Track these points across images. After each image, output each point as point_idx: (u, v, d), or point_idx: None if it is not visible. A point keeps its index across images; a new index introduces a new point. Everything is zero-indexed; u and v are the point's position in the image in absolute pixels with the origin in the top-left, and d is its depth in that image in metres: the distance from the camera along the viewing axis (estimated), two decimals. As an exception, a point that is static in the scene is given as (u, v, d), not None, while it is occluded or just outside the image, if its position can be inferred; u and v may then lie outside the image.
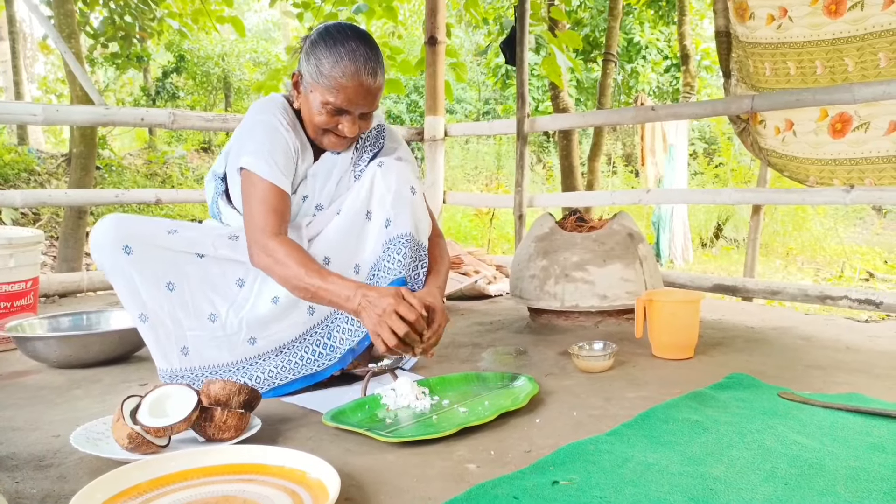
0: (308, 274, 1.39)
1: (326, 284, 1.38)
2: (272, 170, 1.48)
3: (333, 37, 1.48)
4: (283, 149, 1.51)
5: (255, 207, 1.47)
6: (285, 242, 1.44)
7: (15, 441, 1.28)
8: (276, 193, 1.48)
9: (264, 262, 1.44)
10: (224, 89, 13.55)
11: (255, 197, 1.47)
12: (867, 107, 2.61)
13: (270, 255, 1.42)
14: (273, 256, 1.42)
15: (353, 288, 1.37)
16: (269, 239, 1.44)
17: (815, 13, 2.62)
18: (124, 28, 6.00)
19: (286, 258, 1.41)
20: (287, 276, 1.41)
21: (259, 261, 1.45)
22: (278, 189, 1.48)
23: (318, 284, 1.38)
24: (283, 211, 1.49)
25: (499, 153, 12.24)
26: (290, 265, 1.40)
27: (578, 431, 1.30)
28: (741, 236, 8.59)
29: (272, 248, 1.43)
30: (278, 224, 1.46)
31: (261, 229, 1.45)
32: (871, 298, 2.53)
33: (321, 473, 1.03)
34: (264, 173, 1.47)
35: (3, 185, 7.78)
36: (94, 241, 1.49)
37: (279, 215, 1.47)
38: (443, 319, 1.42)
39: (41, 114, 2.70)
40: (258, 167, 1.47)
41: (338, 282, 1.39)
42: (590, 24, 11.35)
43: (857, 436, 1.25)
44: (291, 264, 1.40)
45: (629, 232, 2.32)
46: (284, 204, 1.50)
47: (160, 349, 1.52)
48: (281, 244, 1.43)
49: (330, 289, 1.38)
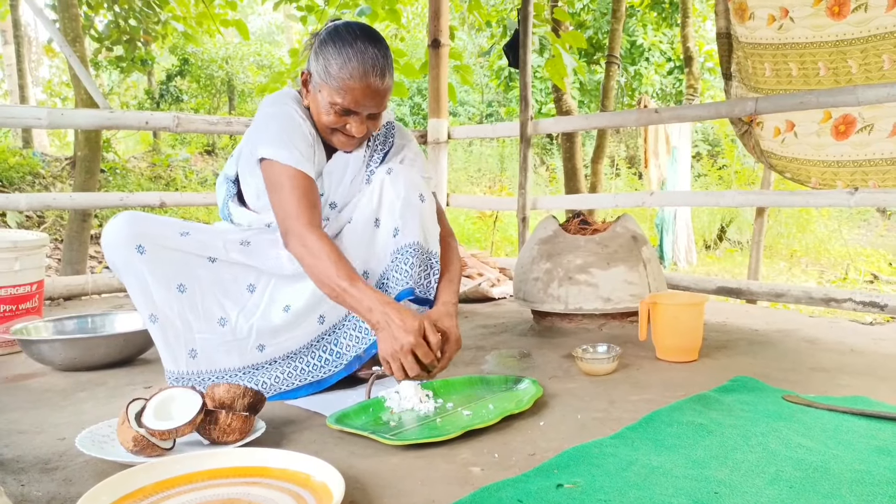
0: (338, 274, 1.37)
1: (352, 289, 1.37)
2: (295, 156, 1.46)
3: (342, 37, 1.47)
4: (302, 135, 1.51)
5: (286, 195, 1.45)
6: (322, 236, 1.42)
7: (20, 444, 1.28)
8: (303, 179, 1.46)
9: (299, 251, 1.42)
10: (228, 92, 13.58)
11: (283, 185, 1.45)
12: (871, 109, 2.60)
13: (306, 246, 1.41)
14: (308, 247, 1.40)
15: (377, 301, 1.36)
16: (306, 229, 1.42)
17: (818, 14, 2.61)
18: (129, 31, 6.02)
19: (321, 252, 1.39)
20: (318, 270, 1.39)
21: (294, 248, 1.43)
22: (304, 175, 1.47)
23: (344, 287, 1.37)
24: (314, 198, 1.47)
25: (502, 155, 12.24)
26: (323, 260, 1.39)
27: (582, 434, 1.30)
28: (745, 238, 8.58)
29: (309, 239, 1.41)
30: (311, 213, 1.45)
31: (295, 217, 1.43)
32: (876, 301, 2.52)
33: (325, 476, 1.03)
34: (288, 160, 1.46)
35: (8, 188, 7.81)
36: (106, 238, 1.47)
37: (310, 202, 1.46)
38: (455, 349, 1.41)
39: (46, 117, 2.71)
40: (280, 155, 1.46)
41: (364, 290, 1.37)
42: (593, 26, 11.36)
43: (862, 439, 1.25)
44: (325, 259, 1.38)
45: (633, 234, 2.32)
46: (313, 190, 1.48)
47: (169, 351, 1.52)
48: (318, 237, 1.41)
49: (355, 295, 1.36)
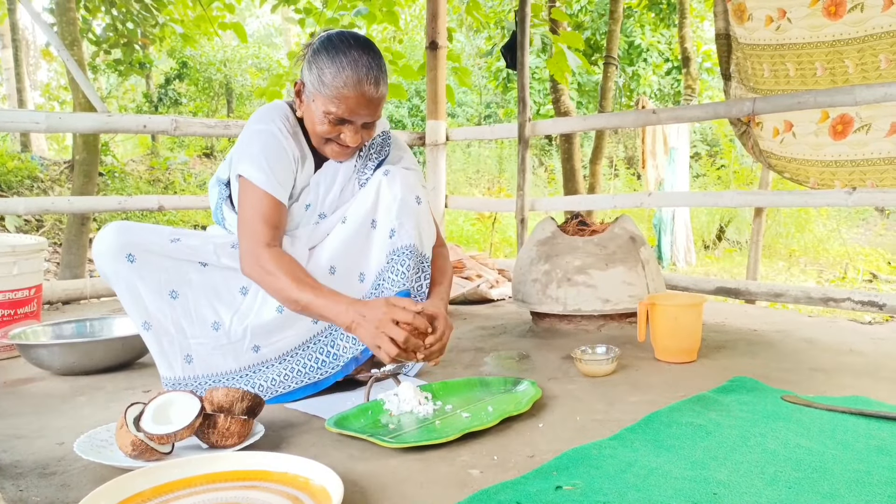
0: (299, 287, 1.38)
1: (318, 299, 1.37)
2: (268, 179, 1.47)
3: (335, 46, 1.46)
4: (281, 158, 1.51)
5: (249, 217, 1.46)
6: (278, 253, 1.43)
7: (19, 449, 1.28)
8: (270, 203, 1.47)
9: (254, 270, 1.43)
10: (226, 95, 13.58)
11: (250, 206, 1.47)
12: (868, 108, 2.61)
13: (261, 266, 1.42)
14: (264, 267, 1.41)
15: (344, 303, 1.37)
16: (262, 248, 1.43)
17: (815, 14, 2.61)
18: (127, 35, 6.02)
19: (277, 269, 1.40)
20: (277, 288, 1.40)
21: (250, 271, 1.44)
22: (273, 199, 1.48)
23: (308, 299, 1.37)
24: (277, 222, 1.48)
25: (500, 156, 12.25)
26: (280, 276, 1.39)
27: (582, 436, 1.30)
28: (744, 238, 8.58)
29: (263, 259, 1.42)
30: (271, 235, 1.46)
31: (253, 239, 1.44)
32: (875, 300, 2.52)
33: (324, 480, 1.03)
34: (260, 182, 1.47)
35: (7, 192, 7.80)
36: (96, 249, 1.48)
37: (272, 226, 1.46)
38: (446, 326, 1.41)
39: (44, 121, 2.71)
40: (254, 176, 1.47)
41: (330, 296, 1.38)
42: (590, 27, 11.38)
43: (861, 439, 1.25)
44: (282, 276, 1.39)
45: (631, 235, 2.32)
46: (279, 214, 1.49)
47: (164, 357, 1.52)
48: (273, 255, 1.42)
49: (321, 304, 1.37)
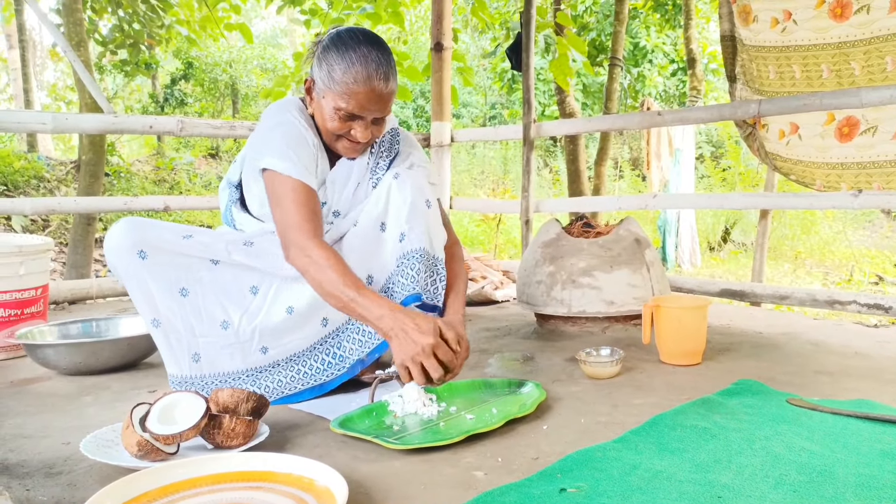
0: (345, 283, 1.35)
1: (361, 298, 1.35)
2: (297, 167, 1.46)
3: (345, 42, 1.47)
4: (305, 146, 1.50)
5: (288, 206, 1.44)
6: (325, 247, 1.41)
7: (25, 448, 1.29)
8: (305, 191, 1.46)
9: (302, 262, 1.40)
10: (232, 96, 13.62)
11: (285, 196, 1.45)
12: (875, 111, 2.60)
13: (309, 257, 1.39)
14: (311, 258, 1.39)
15: (387, 308, 1.34)
16: (308, 240, 1.41)
17: (821, 16, 2.61)
18: (133, 35, 6.04)
19: (325, 262, 1.37)
20: (322, 281, 1.38)
21: (296, 260, 1.42)
22: (306, 186, 1.46)
23: (352, 296, 1.35)
24: (315, 209, 1.46)
25: (505, 157, 12.25)
26: (327, 271, 1.37)
27: (586, 438, 1.30)
28: (749, 240, 8.56)
29: (311, 250, 1.39)
30: (313, 223, 1.44)
31: (297, 228, 1.42)
32: (881, 303, 2.51)
33: (329, 481, 1.03)
34: (290, 171, 1.45)
35: (14, 191, 7.84)
36: (108, 244, 1.48)
37: (312, 214, 1.45)
38: (466, 355, 1.39)
39: (51, 122, 2.72)
40: (283, 167, 1.45)
41: (372, 298, 1.35)
42: (596, 28, 11.37)
43: (866, 443, 1.24)
44: (329, 270, 1.37)
45: (636, 237, 2.32)
46: (315, 202, 1.47)
47: (172, 355, 1.52)
48: (321, 247, 1.40)
49: (363, 303, 1.34)
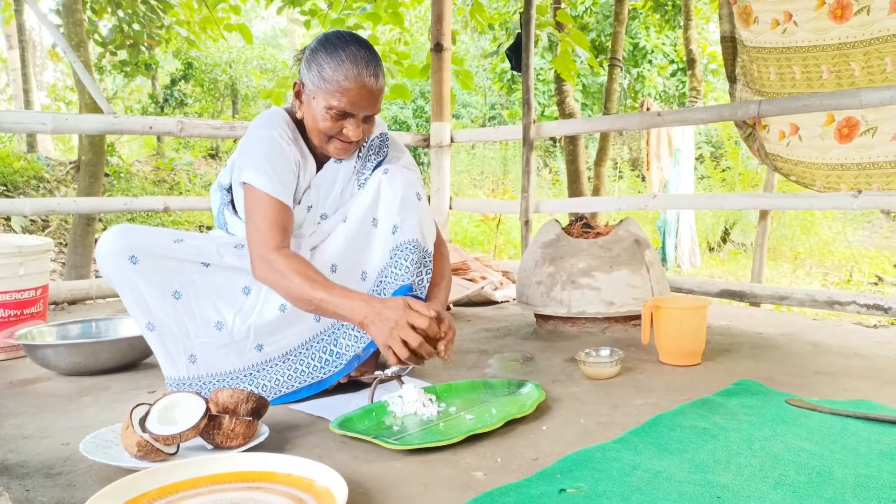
0: (312, 286, 1.38)
1: (331, 297, 1.37)
2: (273, 184, 1.48)
3: (333, 43, 1.49)
4: (284, 163, 1.52)
5: (258, 222, 1.47)
6: (288, 255, 1.44)
7: (25, 449, 1.29)
8: (277, 207, 1.48)
9: (266, 274, 1.44)
10: (231, 96, 13.63)
11: (258, 211, 1.48)
12: (874, 112, 2.60)
13: (272, 268, 1.42)
14: (275, 269, 1.42)
15: (358, 300, 1.37)
16: (272, 252, 1.43)
17: (821, 18, 2.61)
18: (133, 36, 6.05)
19: (288, 271, 1.40)
20: (290, 289, 1.41)
21: (261, 274, 1.45)
22: (280, 203, 1.49)
23: (321, 297, 1.37)
24: (285, 225, 1.49)
25: (505, 158, 12.26)
26: (292, 278, 1.40)
27: (585, 439, 1.30)
28: (749, 240, 8.56)
29: (274, 261, 1.42)
30: (281, 237, 1.46)
31: (263, 243, 1.45)
32: (880, 304, 2.51)
33: (329, 481, 1.04)
34: (266, 187, 1.48)
35: (13, 192, 7.84)
36: (99, 252, 1.50)
37: (281, 229, 1.47)
38: (450, 328, 1.40)
39: (51, 123, 2.72)
40: (259, 182, 1.48)
41: (343, 294, 1.38)
42: (595, 28, 11.37)
43: (866, 443, 1.25)
44: (294, 277, 1.39)
45: (635, 238, 2.32)
46: (286, 217, 1.50)
47: (168, 357, 1.53)
48: (283, 257, 1.43)
49: (334, 301, 1.37)
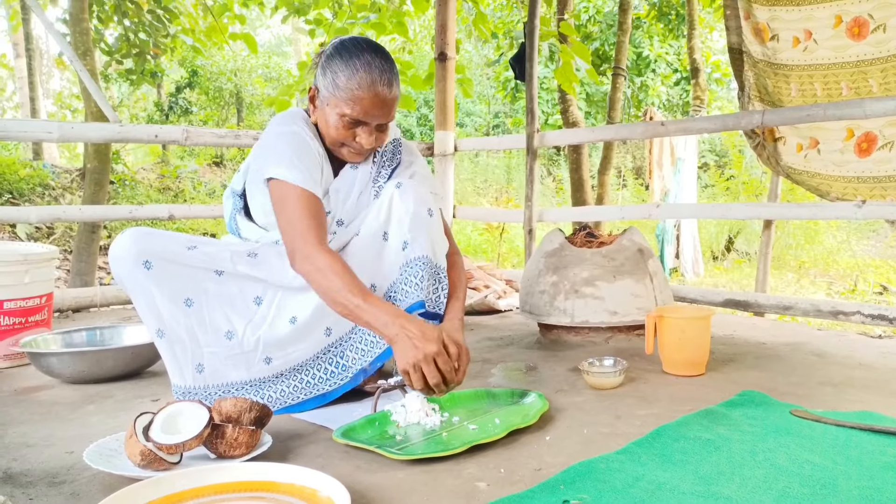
0: (350, 290, 1.36)
1: (366, 305, 1.35)
2: (303, 176, 1.47)
3: (349, 50, 1.49)
4: (310, 156, 1.52)
5: (292, 214, 1.45)
6: (330, 254, 1.41)
7: (29, 457, 1.29)
8: (310, 199, 1.47)
9: (307, 269, 1.41)
10: (236, 104, 13.68)
11: (290, 204, 1.46)
12: (892, 126, 2.64)
13: (314, 264, 1.40)
14: (316, 265, 1.39)
15: (392, 315, 1.34)
16: (313, 247, 1.41)
17: (839, 36, 2.66)
18: (138, 45, 6.09)
19: (330, 270, 1.38)
20: (328, 288, 1.38)
21: (302, 268, 1.42)
22: (311, 195, 1.47)
23: (357, 303, 1.35)
24: (321, 218, 1.48)
25: (509, 166, 12.26)
26: (332, 278, 1.37)
27: (589, 449, 1.30)
28: (753, 249, 8.54)
29: (316, 257, 1.40)
30: (319, 232, 1.44)
31: (302, 236, 1.43)
32: (885, 314, 2.50)
33: (331, 491, 1.03)
34: (296, 180, 1.46)
35: (19, 199, 7.87)
36: (113, 255, 1.48)
37: (318, 222, 1.46)
38: (467, 362, 1.39)
39: (57, 131, 2.74)
40: (288, 175, 1.46)
41: (378, 304, 1.36)
42: (599, 38, 11.41)
43: (870, 455, 1.24)
44: (334, 277, 1.37)
45: (639, 247, 2.32)
46: (320, 210, 1.48)
47: (176, 365, 1.52)
48: (326, 254, 1.40)
49: (369, 310, 1.34)
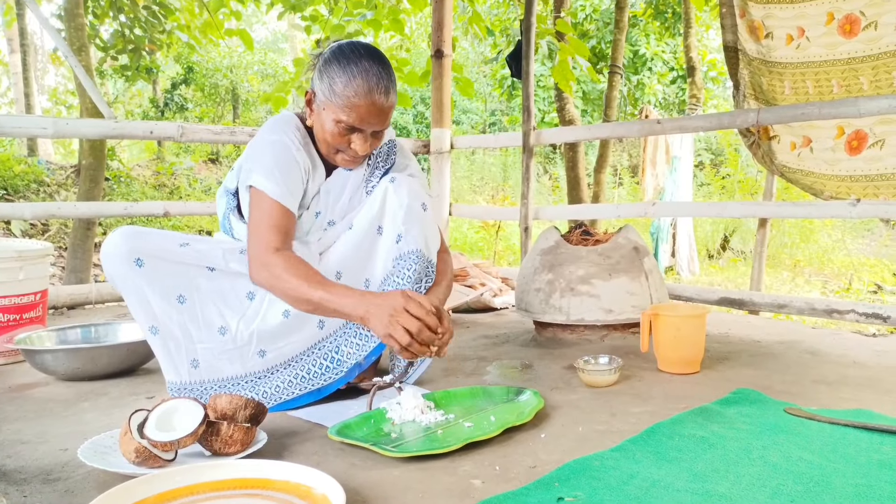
0: (310, 286, 1.38)
1: (330, 295, 1.38)
2: (280, 189, 1.48)
3: (346, 55, 1.48)
4: (293, 169, 1.52)
5: (259, 225, 1.47)
6: (285, 256, 1.43)
7: (23, 454, 1.29)
8: (281, 212, 1.48)
9: (263, 277, 1.44)
10: (232, 101, 13.66)
11: (261, 215, 1.48)
12: (882, 124, 2.63)
13: (269, 270, 1.42)
14: (271, 271, 1.42)
15: (357, 296, 1.38)
16: (270, 255, 1.43)
17: (831, 33, 2.65)
18: (134, 41, 6.07)
19: (284, 272, 1.40)
20: (287, 290, 1.41)
21: (258, 276, 1.45)
22: (284, 208, 1.49)
23: (320, 295, 1.38)
24: (287, 229, 1.49)
25: (505, 164, 12.27)
26: (289, 279, 1.39)
27: (584, 447, 1.30)
28: (748, 248, 8.57)
29: (271, 263, 1.42)
30: (280, 240, 1.46)
31: (262, 245, 1.45)
32: (879, 312, 2.52)
33: (326, 489, 1.04)
34: (272, 192, 1.48)
35: (13, 195, 7.84)
36: (105, 253, 1.49)
37: (282, 233, 1.47)
38: (448, 316, 1.42)
39: (51, 127, 2.73)
40: (266, 186, 1.48)
41: (342, 291, 1.39)
42: (596, 36, 11.42)
43: (864, 452, 1.25)
44: (291, 278, 1.39)
45: (635, 245, 2.32)
46: (288, 222, 1.50)
47: (170, 362, 1.52)
48: (280, 258, 1.42)
49: (334, 299, 1.38)
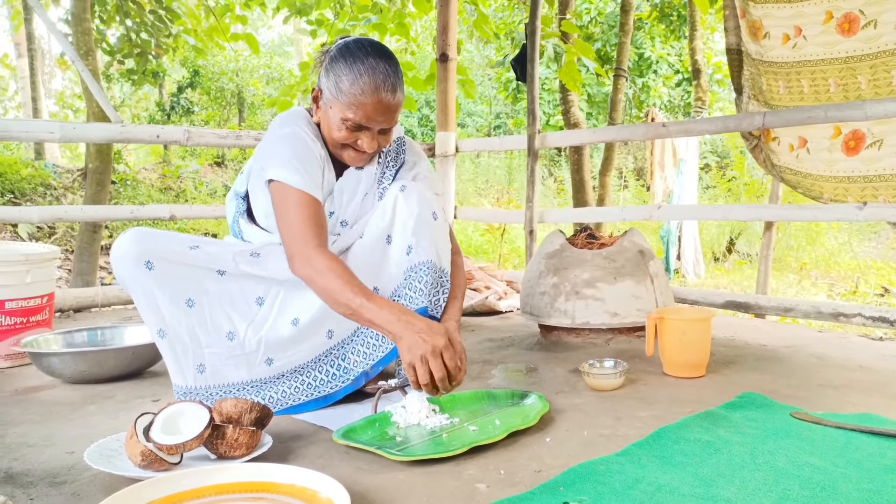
0: (352, 291, 1.35)
1: (369, 304, 1.34)
2: (304, 179, 1.46)
3: (353, 53, 1.47)
4: (311, 158, 1.51)
5: (292, 217, 1.44)
6: (329, 256, 1.41)
7: (29, 457, 1.29)
8: (310, 202, 1.46)
9: (306, 272, 1.41)
10: (238, 104, 13.70)
11: (290, 207, 1.45)
12: (880, 124, 2.60)
13: (313, 266, 1.39)
14: (316, 268, 1.39)
15: (396, 312, 1.34)
16: (312, 250, 1.41)
17: (829, 32, 2.62)
18: (140, 45, 6.10)
19: (329, 272, 1.37)
20: (329, 290, 1.37)
21: (301, 271, 1.42)
22: (312, 198, 1.46)
23: (360, 302, 1.34)
24: (321, 220, 1.47)
25: (510, 167, 12.27)
26: (333, 279, 1.37)
27: (589, 451, 1.30)
28: (754, 251, 8.54)
29: (315, 259, 1.39)
30: (318, 234, 1.44)
31: (302, 239, 1.42)
32: (885, 316, 2.50)
33: (331, 492, 1.04)
34: (296, 183, 1.45)
35: (20, 199, 7.88)
36: (115, 254, 1.48)
37: (318, 225, 1.45)
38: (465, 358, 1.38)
39: (59, 131, 2.74)
40: (289, 178, 1.46)
41: (380, 303, 1.35)
42: (601, 39, 11.42)
43: (870, 457, 1.24)
44: (335, 278, 1.37)
45: (640, 249, 2.32)
46: (320, 213, 1.48)
47: (177, 366, 1.52)
48: (324, 257, 1.40)
49: (372, 308, 1.34)
